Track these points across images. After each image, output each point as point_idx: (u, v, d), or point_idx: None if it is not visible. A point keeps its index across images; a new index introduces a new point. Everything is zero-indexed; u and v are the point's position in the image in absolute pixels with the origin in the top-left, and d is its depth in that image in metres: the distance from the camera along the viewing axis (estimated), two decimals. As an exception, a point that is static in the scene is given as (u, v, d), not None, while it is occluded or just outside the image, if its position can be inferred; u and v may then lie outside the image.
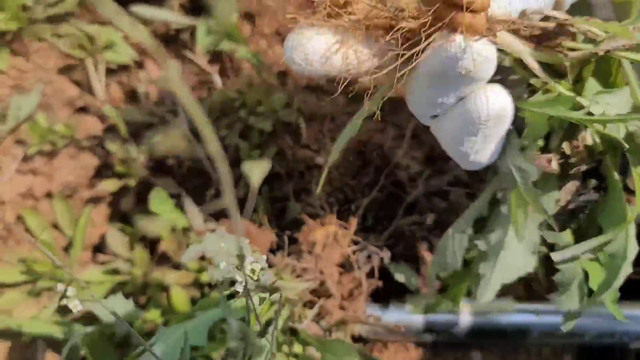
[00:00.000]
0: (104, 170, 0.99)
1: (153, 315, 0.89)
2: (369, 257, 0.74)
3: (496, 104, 0.45)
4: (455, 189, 0.85)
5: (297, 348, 0.73)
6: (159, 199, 0.85)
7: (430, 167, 0.88)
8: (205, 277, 0.91)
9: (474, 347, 0.90)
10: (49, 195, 0.96)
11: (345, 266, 0.76)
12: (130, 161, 0.93)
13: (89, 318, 0.92)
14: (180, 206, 0.92)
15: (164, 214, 0.87)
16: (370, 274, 0.74)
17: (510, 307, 0.84)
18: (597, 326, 0.83)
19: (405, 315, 0.83)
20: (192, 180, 0.98)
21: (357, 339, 0.85)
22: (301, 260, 0.75)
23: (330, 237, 0.77)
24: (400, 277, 0.82)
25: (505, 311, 0.83)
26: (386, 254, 0.76)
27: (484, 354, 0.91)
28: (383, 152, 0.88)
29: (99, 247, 0.99)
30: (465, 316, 0.82)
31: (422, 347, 0.88)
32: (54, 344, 0.92)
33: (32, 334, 0.89)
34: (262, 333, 0.75)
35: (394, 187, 0.88)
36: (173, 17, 1.01)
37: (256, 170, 0.38)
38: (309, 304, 0.75)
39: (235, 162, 0.93)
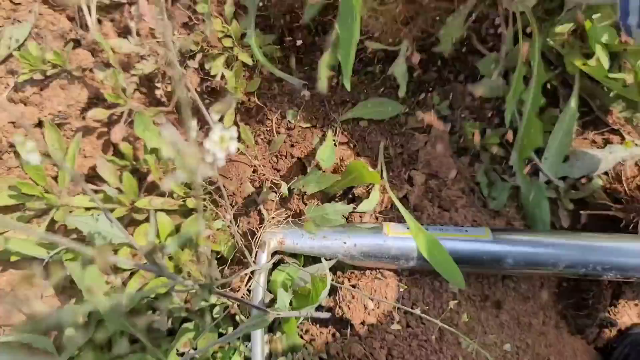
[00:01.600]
0: (94, 102, 1.01)
1: (139, 239, 0.91)
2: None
3: None
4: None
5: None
6: (143, 125, 0.87)
7: None
8: (190, 204, 0.93)
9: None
10: (40, 124, 0.98)
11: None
12: (120, 91, 0.95)
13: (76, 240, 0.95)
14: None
15: (148, 139, 0.88)
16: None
17: (487, 235, 0.86)
18: (570, 256, 0.85)
19: (381, 242, 0.85)
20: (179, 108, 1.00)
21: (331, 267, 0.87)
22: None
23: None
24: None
25: (481, 239, 0.85)
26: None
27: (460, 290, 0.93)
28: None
29: (90, 179, 1.01)
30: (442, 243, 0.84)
31: (398, 275, 0.90)
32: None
33: (21, 254, 0.92)
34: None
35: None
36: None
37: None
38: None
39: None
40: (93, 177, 1.01)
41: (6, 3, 1.01)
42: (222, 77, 0.93)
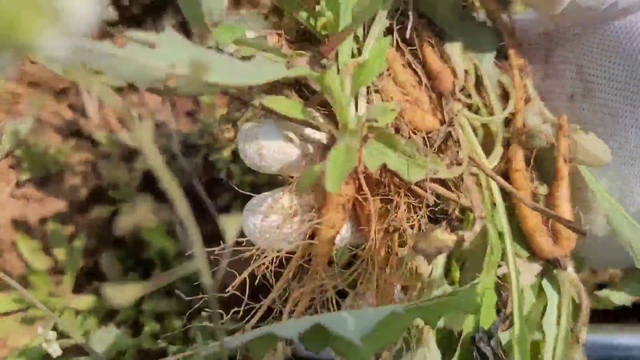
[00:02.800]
0: (97, 194, 0.99)
1: (147, 342, 0.88)
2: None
3: None
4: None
5: None
6: (149, 227, 0.85)
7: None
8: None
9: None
10: (43, 220, 0.96)
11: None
12: (123, 186, 0.93)
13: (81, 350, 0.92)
14: (172, 231, 0.92)
15: (155, 240, 0.86)
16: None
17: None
18: (595, 353, 0.82)
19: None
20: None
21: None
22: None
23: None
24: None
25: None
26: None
27: None
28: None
29: (94, 271, 0.99)
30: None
31: None
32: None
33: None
34: None
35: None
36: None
37: (231, 223, 0.37)
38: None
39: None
40: (96, 270, 0.98)
41: (6, 95, 1.00)
42: (228, 170, 0.90)
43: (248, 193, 0.42)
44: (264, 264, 0.40)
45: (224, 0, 0.33)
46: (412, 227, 0.36)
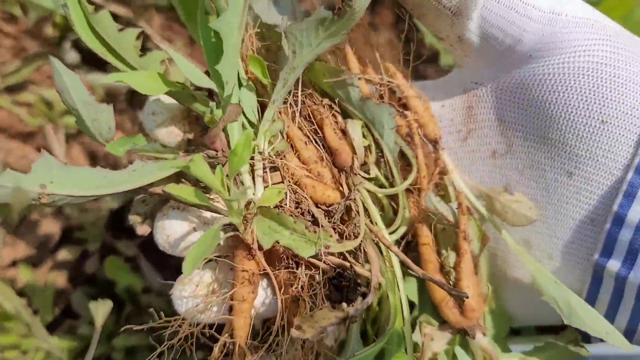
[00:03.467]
0: (66, 234, 1.02)
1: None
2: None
3: None
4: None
5: None
6: (114, 267, 0.88)
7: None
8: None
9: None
10: (14, 263, 0.99)
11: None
12: (90, 227, 0.95)
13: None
14: (138, 268, 0.95)
15: (120, 279, 0.89)
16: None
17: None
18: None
19: None
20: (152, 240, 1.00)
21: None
22: None
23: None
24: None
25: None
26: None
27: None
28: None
29: (67, 310, 1.01)
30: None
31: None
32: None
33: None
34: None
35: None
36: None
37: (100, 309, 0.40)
38: None
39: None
40: (69, 309, 1.01)
41: (-26, 142, 1.03)
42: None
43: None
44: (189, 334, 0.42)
45: (112, 121, 0.37)
46: (314, 295, 0.39)
